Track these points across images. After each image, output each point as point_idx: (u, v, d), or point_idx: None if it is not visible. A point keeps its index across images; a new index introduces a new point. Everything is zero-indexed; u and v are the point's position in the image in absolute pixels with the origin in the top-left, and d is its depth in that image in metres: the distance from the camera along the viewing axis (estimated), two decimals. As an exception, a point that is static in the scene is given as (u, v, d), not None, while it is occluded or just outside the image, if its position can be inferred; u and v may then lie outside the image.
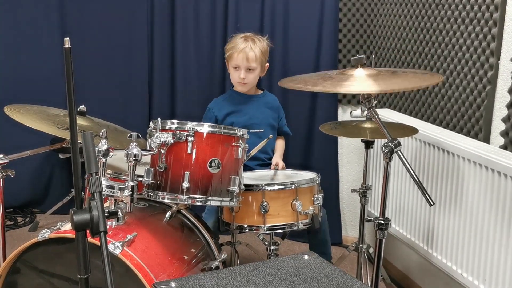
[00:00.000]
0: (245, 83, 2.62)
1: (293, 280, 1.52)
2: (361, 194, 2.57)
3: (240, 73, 2.59)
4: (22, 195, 3.61)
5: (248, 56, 2.56)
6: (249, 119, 2.64)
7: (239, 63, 2.59)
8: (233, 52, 2.59)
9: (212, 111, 2.68)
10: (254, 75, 2.63)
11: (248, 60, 2.57)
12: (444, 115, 2.61)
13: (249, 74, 2.60)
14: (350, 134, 2.53)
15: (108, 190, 1.85)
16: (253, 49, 2.57)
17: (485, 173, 2.07)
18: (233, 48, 2.60)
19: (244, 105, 2.69)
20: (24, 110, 2.33)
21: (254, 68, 2.60)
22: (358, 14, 3.27)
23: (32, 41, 3.45)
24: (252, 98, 2.72)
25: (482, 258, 2.10)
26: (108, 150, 1.84)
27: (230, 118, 2.65)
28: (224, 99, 2.76)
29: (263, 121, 2.68)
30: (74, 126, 1.15)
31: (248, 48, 2.57)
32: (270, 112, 2.74)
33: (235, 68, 2.61)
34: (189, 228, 2.18)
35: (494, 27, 2.26)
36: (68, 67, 1.10)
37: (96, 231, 1.13)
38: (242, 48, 2.57)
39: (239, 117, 2.65)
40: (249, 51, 2.57)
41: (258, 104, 2.71)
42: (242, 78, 2.60)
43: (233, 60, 2.60)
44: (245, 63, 2.58)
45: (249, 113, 2.67)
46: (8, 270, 1.89)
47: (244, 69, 2.59)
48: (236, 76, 2.62)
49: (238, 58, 2.58)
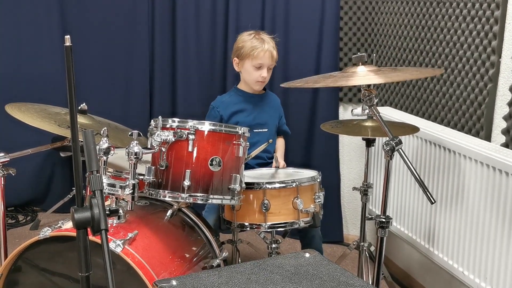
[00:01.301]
0: (264, 82, 2.63)
1: (294, 278, 1.52)
2: (362, 192, 2.57)
3: (263, 72, 2.57)
4: (23, 194, 3.61)
5: (273, 55, 2.58)
6: (254, 119, 2.64)
7: (265, 62, 2.56)
8: (259, 52, 2.55)
9: (217, 110, 2.64)
10: (270, 74, 2.64)
11: (273, 59, 2.59)
12: (445, 113, 2.61)
13: (269, 73, 2.62)
14: (351, 133, 2.52)
15: (109, 188, 1.85)
16: (275, 48, 2.60)
17: (486, 171, 2.07)
18: (256, 47, 2.55)
19: (249, 104, 2.67)
20: (25, 108, 2.33)
21: (272, 67, 2.62)
22: (359, 12, 3.27)
23: (33, 39, 3.45)
24: (256, 97, 2.71)
25: (483, 256, 2.10)
26: (109, 148, 1.83)
27: (235, 117, 2.64)
28: (229, 97, 2.72)
29: (268, 121, 2.68)
30: (75, 124, 1.15)
31: (272, 47, 2.59)
32: (273, 111, 2.73)
33: (258, 67, 2.58)
34: (190, 226, 2.18)
35: (495, 25, 2.26)
36: (69, 65, 1.10)
37: (97, 229, 1.14)
38: (268, 48, 2.56)
39: (245, 117, 2.64)
40: (273, 50, 2.59)
41: (262, 104, 2.70)
42: (264, 77, 2.59)
43: (257, 59, 2.56)
44: (270, 62, 2.58)
45: (254, 113, 2.66)
46: (10, 268, 1.89)
47: (267, 68, 2.58)
48: (258, 75, 2.58)
49: (265, 57, 2.56)
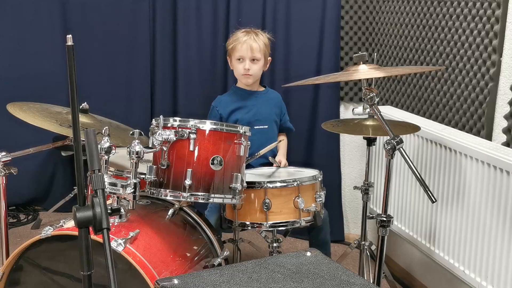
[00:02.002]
0: (250, 74, 2.62)
1: (296, 277, 1.52)
2: (363, 192, 2.57)
3: (245, 64, 2.59)
4: (25, 193, 3.62)
5: (252, 46, 2.58)
6: (253, 116, 2.65)
7: (243, 54, 2.59)
8: (237, 44, 2.60)
9: (216, 109, 2.67)
10: (258, 67, 2.63)
11: (252, 50, 2.58)
12: (446, 112, 2.61)
13: (253, 65, 2.61)
14: (352, 132, 2.53)
15: (111, 188, 1.85)
16: (256, 41, 2.60)
17: (487, 170, 2.07)
18: (236, 40, 2.62)
19: (248, 101, 2.68)
20: (27, 107, 2.32)
21: (258, 59, 2.61)
22: (360, 12, 3.27)
23: (35, 39, 3.45)
24: (256, 94, 2.72)
25: (484, 255, 2.10)
26: (111, 148, 1.84)
27: (234, 115, 2.65)
28: (228, 96, 2.76)
29: (267, 118, 2.69)
30: (77, 124, 1.15)
31: (251, 39, 2.60)
32: (274, 108, 2.74)
33: (239, 60, 2.61)
34: (191, 225, 2.19)
35: (496, 24, 2.26)
36: (70, 64, 1.10)
37: (99, 228, 1.14)
38: (246, 40, 2.59)
39: (244, 114, 2.65)
40: (253, 42, 2.59)
41: (262, 100, 2.71)
42: (246, 69, 2.60)
43: (237, 52, 2.61)
44: (250, 53, 2.59)
45: (253, 110, 2.67)
46: (11, 267, 1.90)
47: (248, 59, 2.59)
48: (241, 67, 2.61)
49: (242, 49, 2.59)
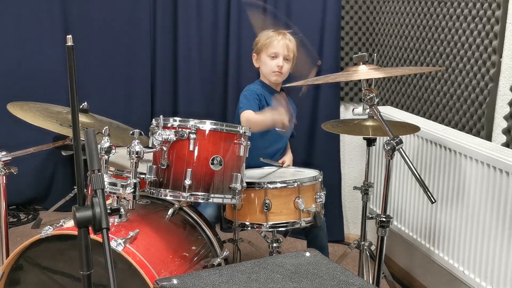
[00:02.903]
0: (281, 72, 2.59)
1: (295, 277, 1.52)
2: (363, 192, 2.57)
3: (279, 61, 2.56)
4: (25, 192, 3.62)
5: (288, 45, 2.58)
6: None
7: (278, 51, 2.56)
8: (273, 40, 2.57)
9: (257, 93, 2.56)
10: (288, 67, 2.61)
11: (287, 49, 2.57)
12: (446, 112, 2.61)
13: (285, 63, 2.59)
14: (352, 132, 2.53)
15: (111, 187, 1.85)
16: (291, 41, 2.60)
17: (487, 171, 2.07)
18: (271, 37, 2.59)
19: (270, 100, 2.60)
20: (27, 107, 2.33)
21: (290, 59, 2.60)
22: (361, 12, 3.27)
23: (35, 38, 3.46)
24: (276, 94, 2.65)
25: (484, 255, 2.10)
26: (111, 147, 1.84)
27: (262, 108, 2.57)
28: (257, 85, 2.65)
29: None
30: (77, 124, 1.15)
31: (287, 38, 2.60)
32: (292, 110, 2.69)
33: (273, 56, 2.58)
34: (191, 225, 2.19)
35: (496, 25, 2.26)
36: (70, 64, 1.10)
37: (98, 228, 1.14)
38: (281, 38, 2.59)
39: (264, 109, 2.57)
40: (288, 41, 2.59)
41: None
42: (280, 66, 2.56)
43: (271, 48, 2.57)
44: (285, 51, 2.57)
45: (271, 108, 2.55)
46: (12, 266, 1.90)
47: (282, 57, 2.57)
48: (274, 64, 2.57)
49: (279, 46, 2.56)
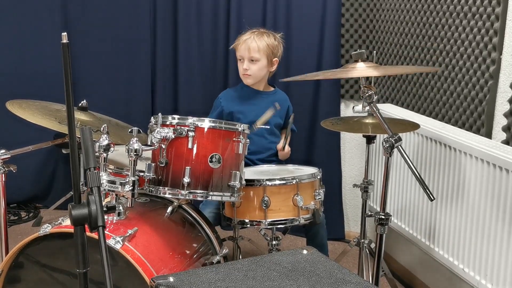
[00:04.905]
0: (248, 74, 2.62)
1: (292, 275, 1.52)
2: (362, 190, 2.57)
3: (244, 64, 2.61)
4: (26, 190, 3.62)
5: (250, 47, 2.58)
6: (256, 116, 2.62)
7: (242, 54, 2.61)
8: (238, 44, 2.64)
9: (220, 101, 2.70)
10: (258, 67, 2.61)
11: (250, 51, 2.58)
12: (446, 110, 2.60)
13: (252, 65, 2.60)
14: (351, 130, 2.52)
15: (110, 185, 1.85)
16: (256, 41, 2.59)
17: (486, 168, 2.07)
18: (238, 40, 2.66)
19: (253, 101, 2.68)
20: (26, 105, 2.33)
21: (257, 59, 2.60)
22: (361, 9, 3.26)
23: (35, 36, 3.45)
24: (262, 94, 2.71)
25: (484, 253, 2.10)
26: (109, 145, 1.84)
27: (237, 112, 2.65)
28: (235, 91, 2.76)
29: (270, 119, 2.66)
30: (72, 122, 1.15)
31: (251, 39, 2.60)
32: (278, 110, 2.71)
33: (240, 60, 2.64)
34: (190, 223, 2.18)
35: (496, 22, 2.25)
36: (65, 62, 1.10)
37: (94, 226, 1.14)
38: (245, 39, 2.61)
39: (247, 112, 2.64)
40: (251, 42, 2.59)
41: (267, 101, 2.67)
42: (244, 69, 2.61)
43: (237, 52, 2.65)
44: (247, 53, 2.59)
45: (256, 110, 2.62)
46: (11, 264, 1.90)
47: (247, 60, 2.60)
48: (241, 67, 2.64)
49: (241, 49, 2.61)
